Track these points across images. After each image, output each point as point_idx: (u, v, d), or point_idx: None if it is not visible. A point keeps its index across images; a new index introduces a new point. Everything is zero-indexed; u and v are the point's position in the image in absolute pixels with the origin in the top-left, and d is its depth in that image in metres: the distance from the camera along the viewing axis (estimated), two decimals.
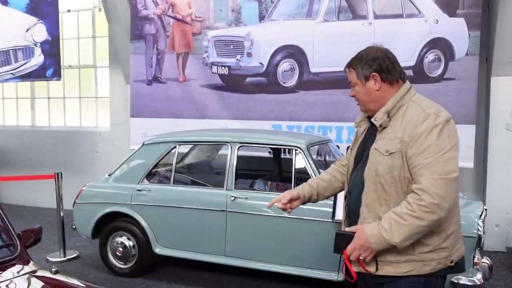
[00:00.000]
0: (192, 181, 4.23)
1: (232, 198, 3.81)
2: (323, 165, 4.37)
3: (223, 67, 5.55)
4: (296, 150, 3.77)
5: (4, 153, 8.03)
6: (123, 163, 4.45)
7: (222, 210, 3.85)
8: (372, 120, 1.92)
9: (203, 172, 4.66)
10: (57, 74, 6.47)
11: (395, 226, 1.74)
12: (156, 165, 4.26)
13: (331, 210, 3.48)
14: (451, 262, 1.85)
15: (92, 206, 4.34)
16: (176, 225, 4.04)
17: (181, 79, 5.81)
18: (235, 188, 3.88)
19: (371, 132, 1.97)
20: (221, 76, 5.58)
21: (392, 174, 1.81)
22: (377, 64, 1.89)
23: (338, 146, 4.93)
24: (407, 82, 1.94)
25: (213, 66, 5.61)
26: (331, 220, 3.47)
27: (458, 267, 1.90)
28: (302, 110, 5.20)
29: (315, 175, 3.60)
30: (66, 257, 4.88)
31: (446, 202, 1.72)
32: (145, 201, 4.14)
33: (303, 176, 3.50)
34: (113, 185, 4.36)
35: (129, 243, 4.25)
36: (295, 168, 3.71)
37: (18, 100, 8.17)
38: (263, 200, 3.76)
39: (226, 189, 3.89)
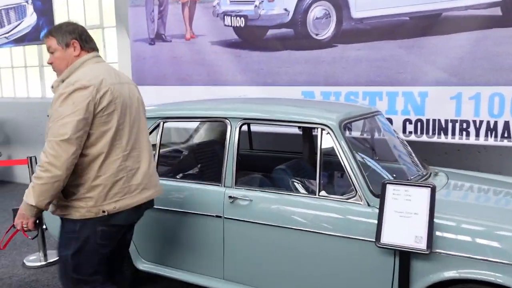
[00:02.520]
0: (179, 172, 3.08)
1: (231, 199, 2.64)
2: (367, 148, 3.08)
3: (238, 18, 4.27)
4: (322, 129, 2.50)
5: (16, 128, 7.29)
6: None
7: (218, 216, 2.69)
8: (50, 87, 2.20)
9: (198, 159, 3.49)
10: None
11: (30, 190, 2.02)
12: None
13: (375, 222, 2.23)
14: (103, 212, 2.12)
15: None
16: (161, 233, 2.94)
17: (188, 35, 4.60)
18: (236, 185, 2.69)
19: None
20: (236, 29, 4.32)
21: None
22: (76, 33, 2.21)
23: (390, 120, 3.59)
24: (93, 52, 2.25)
25: (225, 16, 4.35)
26: (375, 242, 2.21)
27: (115, 218, 2.17)
28: (341, 70, 3.85)
29: (349, 164, 2.36)
30: (47, 261, 3.97)
31: (58, 161, 1.96)
32: None
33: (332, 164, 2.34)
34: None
35: None
36: (320, 154, 2.46)
37: (27, 69, 7.34)
38: (277, 203, 2.56)
39: (224, 186, 2.72)
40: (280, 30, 4.09)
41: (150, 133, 3.07)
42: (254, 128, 3.82)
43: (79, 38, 2.20)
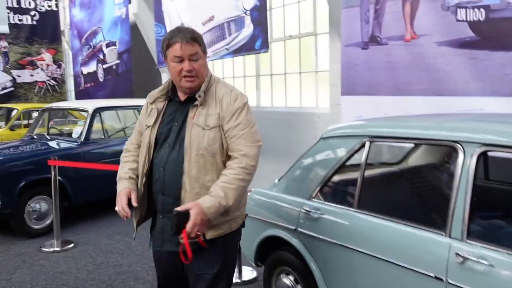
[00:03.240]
0: (390, 208, 2.41)
1: (459, 258, 1.87)
2: None
3: (476, 10, 3.35)
4: None
5: None
6: (295, 165, 3.00)
7: (437, 278, 1.95)
8: (196, 96, 2.04)
9: (409, 189, 2.72)
10: (264, 46, 5.45)
11: (228, 191, 1.93)
12: (336, 172, 2.62)
13: None
14: (246, 215, 2.21)
15: (254, 223, 3.05)
16: (358, 281, 2.35)
17: (408, 36, 3.87)
18: (467, 237, 1.90)
19: (177, 109, 2.10)
20: (473, 24, 3.40)
21: (214, 146, 2.01)
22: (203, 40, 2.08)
23: None
24: None
25: (459, 9, 3.47)
26: None
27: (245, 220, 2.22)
28: None
29: None
30: (62, 248, 4.59)
31: (257, 164, 2.03)
32: (314, 229, 2.58)
33: None
34: (278, 196, 2.96)
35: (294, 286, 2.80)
36: None
37: (245, 79, 7.66)
38: None
39: (449, 236, 1.96)
40: None
41: (355, 153, 2.52)
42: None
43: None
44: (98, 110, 5.72)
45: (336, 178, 2.66)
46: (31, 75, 12.30)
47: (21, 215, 4.94)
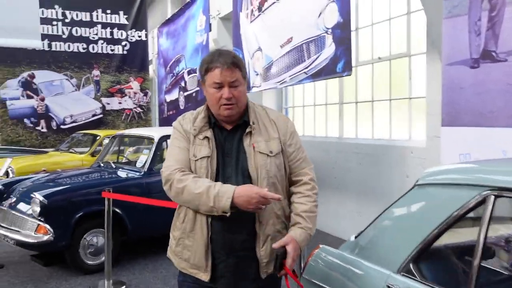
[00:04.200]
0: None
1: None
2: None
3: None
4: None
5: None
6: (379, 218, 2.20)
7: None
8: (251, 124, 1.93)
9: None
10: (347, 68, 4.70)
11: (313, 220, 1.95)
12: (437, 237, 1.78)
13: None
14: None
15: None
16: None
17: None
18: None
19: (225, 138, 1.95)
20: None
21: (281, 172, 1.93)
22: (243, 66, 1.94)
23: None
24: None
25: None
26: None
27: None
28: None
29: None
30: None
31: None
32: None
33: None
34: (353, 260, 2.17)
35: None
36: None
37: (327, 107, 6.93)
38: None
39: None
40: None
41: (470, 211, 1.68)
42: None
43: None
44: (164, 138, 5.32)
45: (438, 245, 1.82)
46: (119, 103, 12.65)
47: (75, 249, 4.60)
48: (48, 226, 4.36)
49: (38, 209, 4.38)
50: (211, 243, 1.87)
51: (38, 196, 4.41)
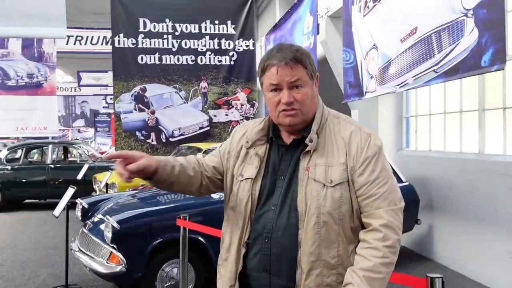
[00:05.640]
0: None
1: None
2: None
3: None
4: None
5: (443, 191, 5.59)
6: None
7: None
8: (307, 141, 1.52)
9: None
10: (498, 60, 3.42)
11: (374, 284, 1.40)
12: None
13: None
14: None
15: None
16: None
17: None
18: None
19: (282, 155, 1.58)
20: None
21: (341, 210, 1.48)
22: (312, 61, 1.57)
23: None
24: None
25: None
26: None
27: None
28: None
29: None
30: None
31: (401, 235, 1.49)
32: None
33: None
34: None
35: None
36: None
37: (461, 115, 5.53)
38: None
39: None
40: None
41: None
42: None
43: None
44: None
45: None
46: (226, 115, 12.32)
47: (152, 281, 3.96)
48: (120, 255, 3.78)
49: (110, 235, 3.83)
50: (243, 280, 1.57)
51: (111, 221, 3.87)
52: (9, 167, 10.12)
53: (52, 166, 10.43)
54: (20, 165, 10.32)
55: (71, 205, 4.71)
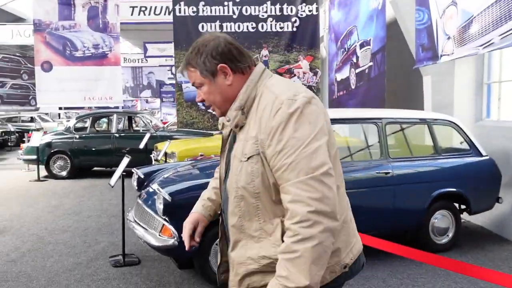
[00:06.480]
0: None
1: None
2: None
3: None
4: None
5: None
6: None
7: None
8: (224, 120, 1.61)
9: None
10: None
11: (292, 267, 1.34)
12: None
13: None
14: (344, 267, 1.55)
15: None
16: None
17: None
18: None
19: (233, 135, 1.64)
20: None
21: (254, 183, 1.48)
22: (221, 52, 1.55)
23: None
24: (260, 64, 1.60)
25: None
26: None
27: (352, 272, 1.58)
28: None
29: None
30: None
31: (327, 205, 1.36)
32: None
33: None
34: None
35: None
36: None
37: None
38: None
39: None
40: None
41: None
42: None
43: (227, 59, 1.53)
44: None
45: None
46: None
47: (205, 257, 3.81)
48: (172, 228, 3.65)
49: (161, 206, 3.69)
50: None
51: (163, 192, 3.72)
52: (77, 136, 10.48)
53: (117, 135, 10.67)
54: (88, 134, 10.65)
55: (126, 175, 4.65)
